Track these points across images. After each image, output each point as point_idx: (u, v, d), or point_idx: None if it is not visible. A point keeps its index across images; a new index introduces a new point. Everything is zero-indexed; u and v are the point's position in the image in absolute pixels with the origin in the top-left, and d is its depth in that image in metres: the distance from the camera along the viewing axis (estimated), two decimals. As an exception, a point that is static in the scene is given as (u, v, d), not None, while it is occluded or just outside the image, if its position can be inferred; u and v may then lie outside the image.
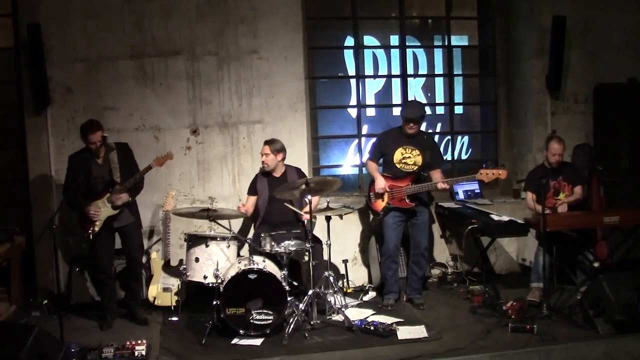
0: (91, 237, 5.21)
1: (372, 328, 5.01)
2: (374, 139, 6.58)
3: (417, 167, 5.62)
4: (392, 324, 5.09)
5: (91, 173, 5.19)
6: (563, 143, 5.81)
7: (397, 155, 5.65)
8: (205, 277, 5.24)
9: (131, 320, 5.43)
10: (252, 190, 5.88)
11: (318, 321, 5.16)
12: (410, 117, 5.55)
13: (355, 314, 5.39)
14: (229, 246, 5.34)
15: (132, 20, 6.13)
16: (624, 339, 4.77)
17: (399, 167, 5.65)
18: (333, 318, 5.35)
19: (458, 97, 7.36)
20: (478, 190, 6.79)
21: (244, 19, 6.32)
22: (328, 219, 5.65)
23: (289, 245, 5.22)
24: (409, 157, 5.63)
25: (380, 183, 5.64)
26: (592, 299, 5.01)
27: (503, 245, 6.81)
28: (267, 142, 5.79)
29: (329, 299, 5.43)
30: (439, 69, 7.30)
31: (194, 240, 5.37)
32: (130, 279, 5.49)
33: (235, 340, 4.92)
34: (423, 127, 5.83)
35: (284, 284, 5.00)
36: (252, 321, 4.93)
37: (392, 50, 7.15)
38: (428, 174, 5.62)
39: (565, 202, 5.74)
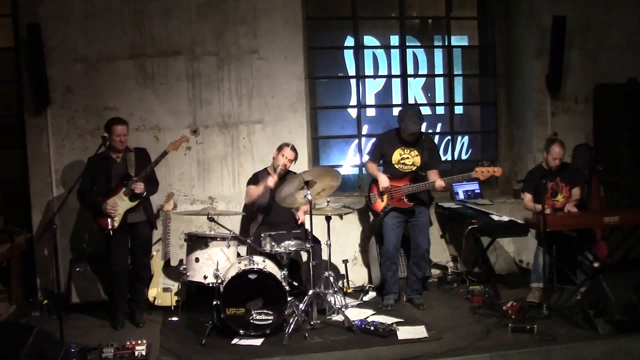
0: (111, 233, 5.17)
1: (372, 328, 5.01)
2: (373, 139, 6.59)
3: (415, 167, 5.62)
4: (392, 324, 5.09)
5: (112, 172, 5.24)
6: (564, 147, 5.80)
7: (396, 155, 5.65)
8: (205, 277, 5.24)
9: (131, 322, 5.42)
10: (255, 182, 5.81)
11: (318, 321, 5.16)
12: (411, 131, 5.51)
13: (355, 314, 5.39)
14: (229, 246, 5.34)
15: (132, 20, 6.13)
16: (624, 339, 4.77)
17: (397, 167, 5.65)
18: (333, 318, 5.35)
19: (458, 97, 7.36)
20: (478, 191, 6.80)
21: (244, 19, 6.32)
22: (328, 219, 5.65)
23: (289, 245, 5.22)
24: (408, 157, 5.63)
25: (384, 181, 5.60)
26: (592, 299, 5.01)
27: (503, 245, 6.81)
28: (292, 148, 5.71)
29: (329, 299, 5.43)
30: (439, 69, 7.30)
31: (194, 240, 5.37)
32: (132, 280, 5.44)
33: (235, 340, 4.92)
34: (423, 128, 5.82)
35: (284, 284, 5.00)
36: (252, 321, 4.93)
37: (392, 50, 7.14)
38: (426, 174, 5.61)
39: (572, 203, 5.75)
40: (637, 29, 6.97)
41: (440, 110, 7.39)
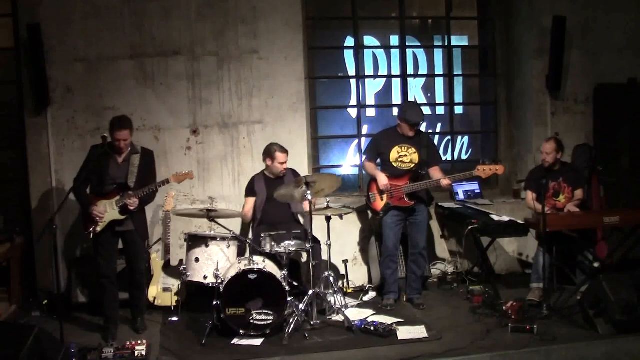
0: (91, 236, 4.96)
1: (372, 328, 5.01)
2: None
3: (413, 164, 5.62)
4: (392, 324, 5.09)
5: (108, 171, 5.00)
6: (556, 143, 5.77)
7: (394, 154, 5.65)
8: (205, 277, 5.24)
9: (131, 327, 5.27)
10: (251, 192, 5.85)
11: (318, 321, 5.16)
12: (415, 122, 5.54)
13: (355, 314, 5.40)
14: (229, 246, 5.34)
15: (132, 20, 6.13)
16: (624, 339, 4.77)
17: (395, 165, 5.65)
18: (333, 318, 5.35)
19: (458, 97, 7.36)
20: (478, 191, 6.79)
21: (244, 19, 6.32)
22: (328, 219, 5.65)
23: (289, 245, 5.22)
24: (405, 155, 5.63)
25: (383, 180, 5.60)
26: (592, 299, 5.01)
27: (503, 245, 6.81)
28: (285, 150, 5.71)
29: (329, 299, 5.43)
30: (439, 69, 7.30)
31: (194, 240, 5.37)
32: (131, 286, 5.23)
33: (235, 341, 4.92)
34: (423, 128, 5.83)
35: (284, 284, 5.00)
36: (252, 321, 4.93)
37: (392, 51, 7.14)
38: (427, 172, 5.61)
39: (573, 203, 5.75)
40: (637, 29, 6.97)
41: (440, 110, 7.39)
